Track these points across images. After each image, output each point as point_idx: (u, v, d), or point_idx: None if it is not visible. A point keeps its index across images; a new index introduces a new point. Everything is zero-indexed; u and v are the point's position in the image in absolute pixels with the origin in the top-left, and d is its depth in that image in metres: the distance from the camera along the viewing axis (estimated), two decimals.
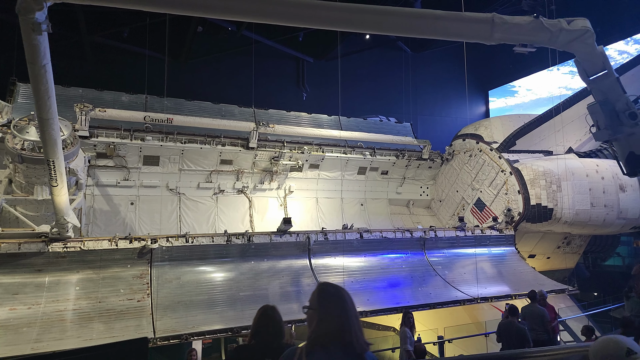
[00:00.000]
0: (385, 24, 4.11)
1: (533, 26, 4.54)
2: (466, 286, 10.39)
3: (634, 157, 5.91)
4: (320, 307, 1.89)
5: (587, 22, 5.08)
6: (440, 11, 4.12)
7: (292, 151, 12.81)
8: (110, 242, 7.97)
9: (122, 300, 7.61)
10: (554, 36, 4.75)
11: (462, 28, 4.37)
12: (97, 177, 10.77)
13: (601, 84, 5.67)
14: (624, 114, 5.58)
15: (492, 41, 4.46)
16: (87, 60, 17.59)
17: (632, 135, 5.79)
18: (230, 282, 8.70)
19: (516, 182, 12.65)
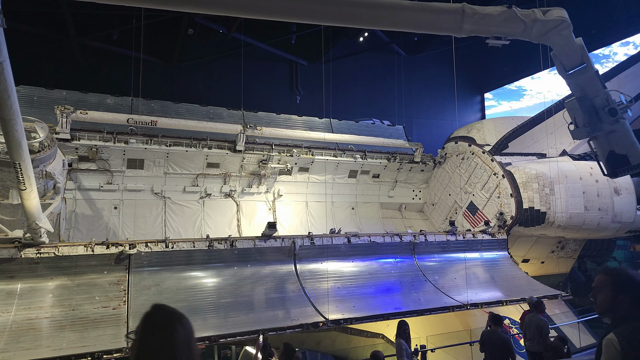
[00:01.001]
0: (346, 15, 3.90)
1: (505, 17, 4.32)
2: (457, 292, 10.14)
3: (615, 156, 5.68)
4: (141, 336, 1.59)
5: (564, 12, 4.86)
6: (407, 1, 3.91)
7: (280, 154, 12.60)
8: (86, 247, 7.73)
9: (97, 308, 7.36)
10: (528, 27, 4.52)
11: (431, 19, 4.15)
12: (79, 180, 10.54)
13: (579, 79, 5.45)
14: (603, 110, 5.36)
15: (462, 33, 4.24)
16: (77, 63, 17.43)
17: (612, 133, 5.56)
18: (211, 289, 8.45)
19: (508, 185, 12.44)
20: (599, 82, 5.43)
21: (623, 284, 2.31)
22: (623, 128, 5.58)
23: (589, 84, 5.44)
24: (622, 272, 2.39)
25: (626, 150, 5.65)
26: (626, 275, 2.35)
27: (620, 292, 2.30)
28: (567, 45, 5.08)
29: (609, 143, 5.71)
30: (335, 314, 8.38)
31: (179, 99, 13.39)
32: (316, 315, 8.28)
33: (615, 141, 5.65)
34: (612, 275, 2.39)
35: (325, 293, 9.14)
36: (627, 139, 5.62)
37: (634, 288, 2.29)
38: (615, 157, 5.72)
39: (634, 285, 2.29)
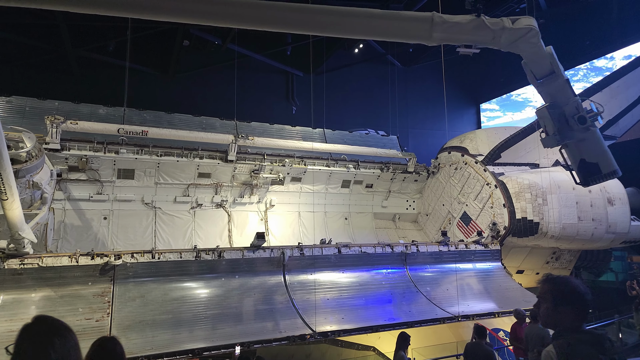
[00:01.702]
0: (315, 23, 3.92)
1: (474, 25, 4.34)
2: (448, 303, 10.00)
3: (586, 164, 5.66)
4: (15, 350, 1.51)
5: (532, 20, 4.88)
6: (376, 10, 3.94)
7: (273, 164, 12.59)
8: (71, 258, 7.66)
9: (80, 319, 7.24)
10: (497, 36, 4.54)
11: (401, 27, 4.17)
12: (69, 191, 10.51)
13: (550, 87, 5.45)
14: (573, 118, 5.35)
15: (433, 41, 4.26)
16: (74, 74, 17.57)
17: (583, 141, 5.55)
18: (198, 300, 8.34)
19: (501, 196, 12.39)
20: (569, 90, 5.44)
21: (563, 295, 2.21)
22: (594, 136, 5.58)
23: (559, 91, 5.45)
24: (562, 282, 2.27)
25: (597, 158, 5.64)
26: (566, 285, 2.24)
27: (560, 303, 2.20)
28: (536, 54, 5.10)
29: (579, 151, 5.70)
30: (323, 326, 8.25)
31: (175, 110, 13.45)
32: (304, 327, 8.16)
33: (585, 149, 5.63)
34: (553, 284, 2.28)
35: (314, 305, 9.03)
36: (597, 147, 5.62)
37: (575, 299, 2.18)
38: (586, 166, 5.70)
39: (575, 296, 2.19)
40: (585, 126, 5.32)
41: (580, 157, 5.72)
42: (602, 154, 5.68)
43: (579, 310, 2.18)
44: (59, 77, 17.11)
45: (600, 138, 5.76)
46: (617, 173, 5.85)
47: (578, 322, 2.17)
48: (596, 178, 5.80)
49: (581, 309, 2.19)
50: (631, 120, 14.43)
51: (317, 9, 3.83)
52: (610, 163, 5.71)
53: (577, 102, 5.42)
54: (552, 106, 5.51)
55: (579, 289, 2.21)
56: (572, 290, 2.21)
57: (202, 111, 14.23)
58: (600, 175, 5.74)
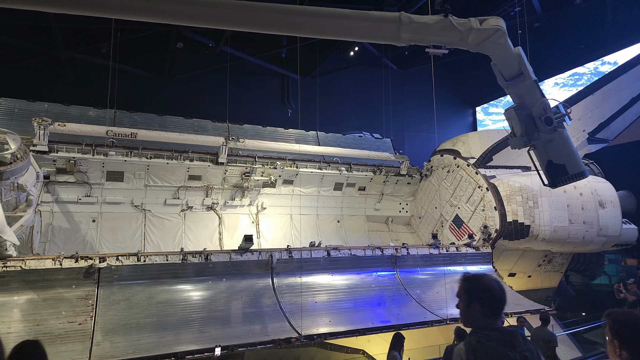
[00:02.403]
0: (284, 23, 3.90)
1: (442, 25, 4.33)
2: (438, 306, 9.96)
3: (553, 166, 5.64)
4: None
5: (500, 20, 4.86)
6: (345, 10, 3.92)
7: (264, 166, 12.56)
8: (54, 261, 7.60)
9: (63, 323, 7.18)
10: (464, 36, 4.53)
11: (369, 28, 4.15)
12: (57, 193, 10.46)
13: (518, 88, 5.43)
14: (540, 119, 5.33)
15: (401, 42, 4.24)
16: (67, 76, 17.55)
17: (550, 143, 5.53)
18: (184, 304, 8.28)
19: (493, 199, 12.36)
20: (538, 91, 5.43)
21: (475, 292, 2.20)
22: (561, 137, 5.56)
23: (527, 93, 5.43)
24: (475, 280, 2.26)
25: (564, 160, 5.63)
26: (478, 283, 2.22)
27: (472, 301, 2.18)
28: (504, 54, 5.08)
29: (547, 153, 5.68)
30: (310, 329, 8.20)
31: (169, 112, 13.43)
32: (290, 331, 8.10)
33: (552, 151, 5.62)
34: (467, 282, 2.27)
35: (303, 307, 8.98)
36: (565, 148, 5.60)
37: (485, 296, 2.17)
38: (553, 167, 5.69)
39: (485, 294, 2.17)
40: (551, 127, 5.30)
41: (548, 158, 5.71)
42: (569, 155, 5.68)
43: (490, 307, 2.16)
44: (53, 79, 17.10)
45: (568, 139, 5.75)
46: (585, 174, 5.85)
47: (490, 319, 2.15)
48: (564, 179, 5.80)
49: (492, 306, 2.17)
50: (623, 124, 14.46)
51: (285, 8, 3.82)
52: (577, 164, 5.71)
53: (545, 103, 5.40)
54: (520, 107, 5.50)
55: (490, 287, 2.19)
56: (484, 287, 2.19)
57: (197, 114, 14.21)
58: (568, 176, 5.73)
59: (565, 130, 5.63)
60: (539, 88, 5.42)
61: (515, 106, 5.55)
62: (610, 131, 14.39)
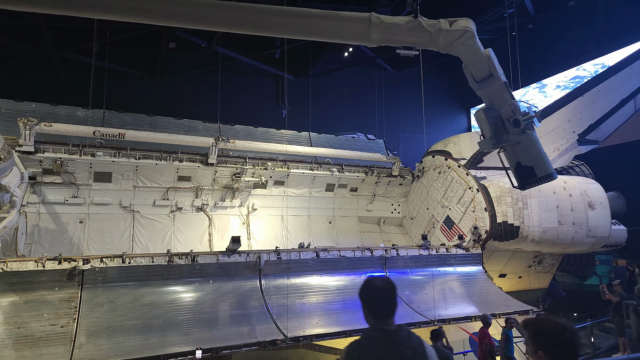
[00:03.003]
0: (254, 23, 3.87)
1: (411, 26, 4.31)
2: (427, 307, 9.93)
3: (521, 168, 5.64)
4: None
5: (470, 22, 4.85)
6: (316, 10, 3.90)
7: (255, 167, 12.51)
8: (37, 263, 7.52)
9: (45, 325, 7.10)
10: (434, 37, 4.51)
11: (340, 27, 4.13)
12: (44, 194, 10.36)
13: (487, 89, 5.43)
14: (508, 121, 5.33)
15: (372, 42, 4.22)
16: (59, 76, 17.44)
17: (519, 144, 5.53)
18: (169, 306, 8.21)
19: (483, 200, 12.37)
20: (507, 93, 5.43)
21: (361, 295, 2.24)
22: (529, 139, 5.56)
23: (497, 94, 5.43)
24: (365, 282, 2.29)
25: (532, 161, 5.63)
26: (364, 286, 2.27)
27: (362, 303, 2.24)
28: (473, 56, 5.08)
29: (515, 154, 5.69)
30: (296, 331, 8.16)
31: (162, 113, 13.35)
32: (276, 333, 8.06)
33: (521, 153, 5.62)
34: (361, 286, 2.32)
35: (291, 309, 8.94)
36: (533, 150, 5.61)
37: (368, 297, 2.22)
38: (522, 169, 5.69)
39: (368, 294, 2.22)
40: (519, 129, 5.30)
41: (517, 160, 5.71)
42: (538, 157, 5.68)
43: (373, 309, 2.21)
44: (44, 79, 16.97)
45: (536, 142, 5.75)
46: (553, 176, 5.85)
47: (377, 320, 2.19)
48: (532, 181, 5.80)
49: (375, 308, 2.21)
50: (613, 125, 14.51)
51: (254, 7, 3.79)
52: (545, 166, 5.71)
53: (514, 105, 5.40)
54: (489, 109, 5.51)
55: (373, 290, 2.23)
56: (367, 291, 2.23)
57: (191, 114, 14.14)
58: (536, 178, 5.73)
59: (534, 132, 5.62)
60: (508, 90, 5.41)
61: (485, 108, 5.55)
62: (600, 132, 14.43)
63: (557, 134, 13.91)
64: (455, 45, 4.72)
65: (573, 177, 13.20)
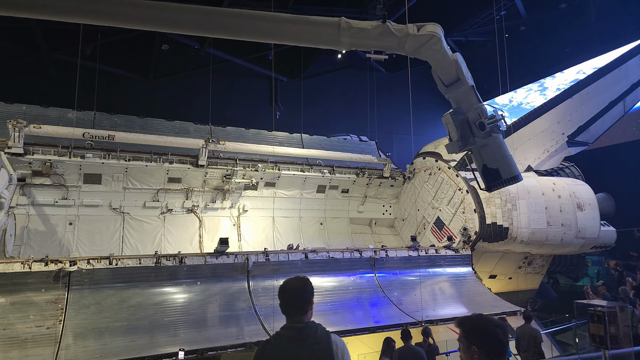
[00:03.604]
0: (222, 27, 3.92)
1: (380, 31, 4.37)
2: (415, 308, 9.99)
3: (487, 170, 5.73)
4: None
5: (437, 27, 4.92)
6: (285, 14, 3.96)
7: (245, 169, 12.56)
8: (23, 264, 7.55)
9: (30, 327, 7.13)
10: (401, 42, 4.58)
11: (310, 32, 4.19)
12: (33, 195, 10.38)
13: (455, 93, 5.52)
14: (474, 124, 5.41)
15: (342, 46, 4.29)
16: (52, 78, 17.44)
17: (485, 147, 5.61)
18: (155, 307, 8.24)
19: (472, 201, 12.45)
20: (474, 97, 5.50)
21: (278, 292, 2.37)
22: (495, 142, 5.64)
23: (464, 98, 5.51)
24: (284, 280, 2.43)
25: (498, 164, 5.72)
26: (282, 282, 2.41)
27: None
28: (441, 60, 5.15)
29: (482, 157, 5.77)
30: None
31: (156, 115, 13.36)
32: (263, 334, 8.10)
33: (487, 155, 5.71)
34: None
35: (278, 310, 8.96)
36: (498, 153, 5.70)
37: (280, 295, 2.34)
38: (488, 171, 5.78)
39: (280, 292, 2.34)
40: (485, 132, 5.38)
41: (483, 162, 5.81)
42: (503, 159, 5.78)
43: (284, 306, 2.33)
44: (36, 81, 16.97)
45: (502, 144, 5.84)
46: (518, 179, 5.95)
47: (287, 317, 2.32)
48: (497, 183, 5.91)
49: (285, 304, 2.33)
50: (602, 127, 14.63)
51: (222, 12, 3.84)
52: (510, 169, 5.81)
53: (481, 108, 5.48)
54: (456, 112, 5.59)
55: (284, 286, 2.35)
56: (281, 288, 2.36)
57: (185, 116, 14.16)
58: (501, 180, 5.83)
59: (500, 135, 5.70)
60: (475, 94, 5.49)
61: (452, 111, 5.62)
62: (589, 134, 14.55)
63: (547, 135, 14.01)
64: (422, 50, 4.78)
65: (562, 179, 13.30)
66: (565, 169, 14.61)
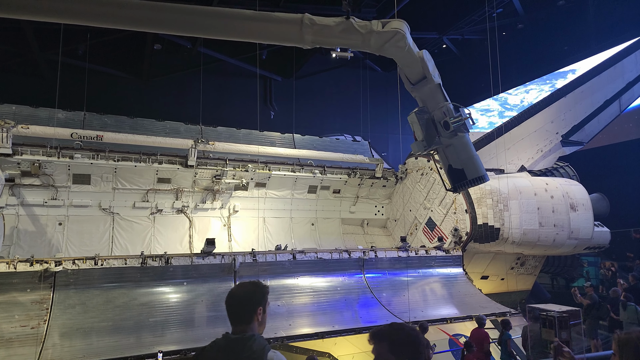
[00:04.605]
0: (181, 24, 3.88)
1: (343, 28, 4.31)
2: (403, 309, 9.96)
3: (452, 170, 5.65)
4: None
5: (402, 23, 4.83)
6: (248, 11, 3.92)
7: (235, 169, 12.55)
8: (8, 265, 7.57)
9: (15, 327, 7.15)
10: (365, 39, 4.52)
11: (272, 30, 4.15)
12: (22, 196, 10.42)
13: (421, 92, 5.44)
14: (439, 123, 5.34)
15: (306, 44, 4.24)
16: (45, 78, 17.47)
17: (450, 147, 5.53)
18: (141, 307, 8.25)
19: (464, 201, 12.39)
20: (440, 95, 5.42)
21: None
22: (460, 142, 5.55)
23: (430, 96, 5.43)
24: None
25: (463, 164, 5.62)
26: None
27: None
28: (405, 58, 5.07)
29: (447, 157, 5.68)
30: (267, 332, 8.17)
31: (149, 115, 13.37)
32: None
33: (452, 155, 5.61)
34: None
35: None
36: (463, 153, 5.59)
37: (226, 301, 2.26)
38: (453, 172, 5.70)
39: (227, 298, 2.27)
40: (450, 132, 5.28)
41: (448, 162, 5.71)
42: (468, 159, 5.66)
43: (227, 313, 2.24)
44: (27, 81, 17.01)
45: (468, 144, 5.72)
46: (484, 179, 5.83)
47: (231, 325, 2.22)
48: (463, 184, 5.80)
49: (227, 311, 2.23)
50: (597, 126, 14.53)
51: (182, 8, 3.80)
52: (476, 169, 5.69)
53: (447, 107, 5.38)
54: (421, 111, 5.50)
55: (230, 292, 2.27)
56: (228, 293, 2.28)
57: (178, 116, 14.16)
58: (466, 181, 5.72)
59: (466, 134, 5.62)
60: (442, 92, 5.41)
61: (417, 110, 5.56)
62: (584, 134, 14.45)
63: (540, 135, 13.93)
64: (387, 47, 4.71)
65: (555, 179, 13.22)
66: (560, 169, 14.53)
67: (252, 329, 2.23)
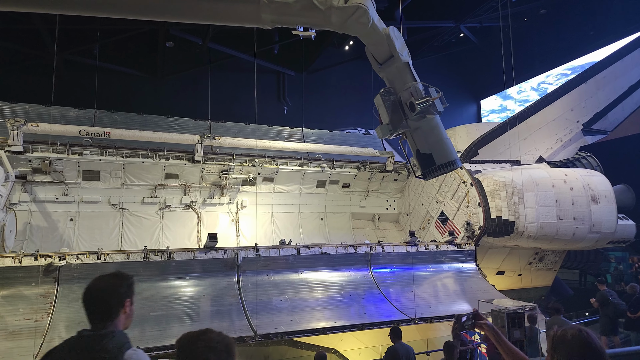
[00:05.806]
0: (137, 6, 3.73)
1: (302, 5, 4.05)
2: (410, 305, 9.67)
3: (421, 156, 5.20)
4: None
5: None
6: None
7: (242, 164, 12.49)
8: (14, 259, 7.75)
9: (19, 320, 7.32)
10: (326, 16, 4.22)
11: (227, 9, 3.93)
12: (34, 192, 10.69)
13: (388, 72, 5.02)
14: (406, 105, 4.90)
15: (265, 24, 4.01)
16: (62, 78, 17.95)
17: (417, 130, 5.09)
18: (143, 301, 8.29)
19: (477, 194, 11.91)
20: (408, 75, 4.98)
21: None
22: (429, 125, 5.09)
23: (397, 76, 5.00)
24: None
25: (431, 149, 5.14)
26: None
27: None
28: (371, 36, 4.71)
29: (415, 142, 5.21)
30: (268, 328, 8.09)
31: (163, 112, 13.50)
32: (248, 329, 8.02)
33: (420, 139, 5.14)
34: None
35: (267, 306, 8.90)
36: (431, 136, 5.12)
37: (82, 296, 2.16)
38: (422, 157, 5.24)
39: (83, 294, 2.17)
40: (416, 114, 4.84)
41: (416, 147, 5.25)
42: (437, 143, 5.16)
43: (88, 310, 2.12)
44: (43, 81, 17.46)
45: (437, 127, 5.23)
46: (455, 164, 5.34)
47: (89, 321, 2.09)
48: (432, 170, 5.29)
49: (83, 306, 2.09)
50: (622, 114, 13.67)
51: None
52: (446, 154, 5.18)
53: (414, 87, 4.92)
54: (387, 92, 5.07)
55: (87, 286, 2.16)
56: (85, 288, 2.15)
57: (190, 112, 14.23)
58: (435, 167, 5.22)
59: (436, 117, 5.16)
60: (410, 71, 5.02)
61: (382, 91, 5.18)
62: (608, 122, 13.62)
63: (559, 123, 13.22)
64: (349, 24, 4.41)
65: (575, 170, 12.52)
66: (582, 159, 13.78)
67: (116, 324, 2.08)
